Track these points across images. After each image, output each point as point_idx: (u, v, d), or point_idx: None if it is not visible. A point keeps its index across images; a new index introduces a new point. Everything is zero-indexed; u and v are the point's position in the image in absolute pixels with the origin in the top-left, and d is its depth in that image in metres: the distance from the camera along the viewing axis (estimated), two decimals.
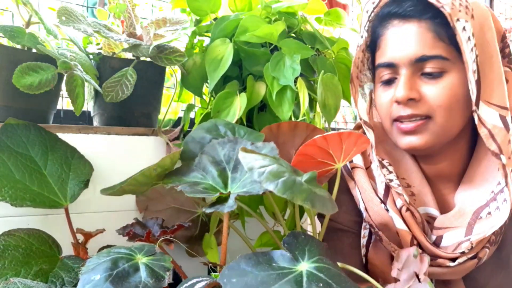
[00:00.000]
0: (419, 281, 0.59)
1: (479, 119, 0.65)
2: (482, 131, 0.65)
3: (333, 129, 0.89)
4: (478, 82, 0.65)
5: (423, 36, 0.67)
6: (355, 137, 0.63)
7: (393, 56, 0.69)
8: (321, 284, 0.47)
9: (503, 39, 0.71)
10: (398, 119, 0.71)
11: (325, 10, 0.95)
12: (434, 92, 0.67)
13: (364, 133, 0.82)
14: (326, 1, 0.96)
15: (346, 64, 0.96)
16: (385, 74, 0.72)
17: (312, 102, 0.94)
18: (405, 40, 0.68)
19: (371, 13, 0.73)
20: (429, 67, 0.67)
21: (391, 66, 0.70)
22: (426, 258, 0.61)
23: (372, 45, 0.75)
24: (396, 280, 0.62)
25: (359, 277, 0.76)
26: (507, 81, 0.69)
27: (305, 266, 0.51)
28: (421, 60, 0.67)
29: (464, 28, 0.65)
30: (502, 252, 0.74)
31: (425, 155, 0.75)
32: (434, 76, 0.67)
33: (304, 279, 0.48)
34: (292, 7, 0.88)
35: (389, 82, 0.72)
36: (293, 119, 0.84)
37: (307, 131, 0.78)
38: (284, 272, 0.49)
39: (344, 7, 1.15)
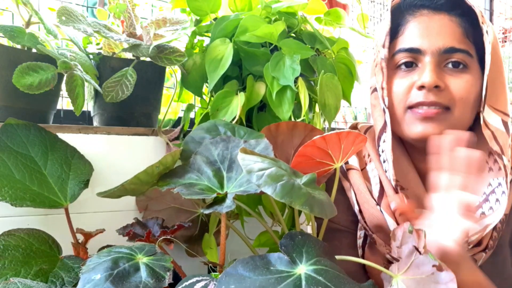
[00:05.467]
0: (420, 253, 0.59)
1: (484, 121, 0.68)
2: (486, 133, 0.68)
3: (333, 129, 0.89)
4: (486, 87, 0.68)
5: (454, 29, 0.70)
6: (353, 136, 0.63)
7: (421, 42, 0.70)
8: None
9: None
10: (416, 106, 0.70)
11: (325, 10, 0.95)
12: (458, 84, 0.69)
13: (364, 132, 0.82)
14: (326, 1, 0.96)
15: (346, 64, 0.96)
16: (405, 58, 0.71)
17: (311, 102, 0.94)
18: (436, 29, 0.70)
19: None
20: (454, 60, 0.69)
21: (416, 52, 0.70)
22: (423, 232, 0.61)
23: (391, 32, 0.74)
24: (397, 259, 0.62)
25: (359, 275, 0.76)
26: None
27: (303, 269, 0.50)
28: (448, 52, 0.69)
29: (487, 32, 0.68)
30: (498, 257, 0.75)
31: (426, 154, 0.75)
32: (458, 69, 0.69)
33: (303, 282, 0.48)
34: (292, 7, 0.88)
35: (408, 68, 0.71)
36: (292, 119, 0.84)
37: (305, 131, 0.78)
38: (283, 276, 0.49)
39: (344, 7, 1.15)
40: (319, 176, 0.71)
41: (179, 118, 1.03)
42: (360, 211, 0.75)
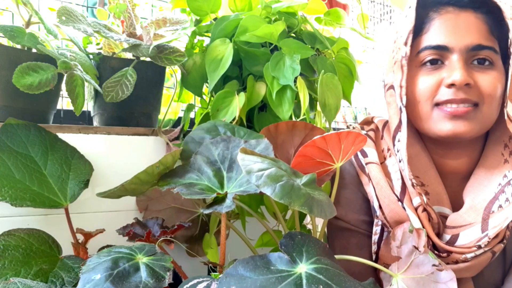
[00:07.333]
0: (420, 253, 0.58)
1: (508, 115, 0.69)
2: (511, 127, 0.68)
3: (334, 129, 0.89)
4: (510, 82, 0.69)
5: (481, 26, 0.70)
6: (353, 136, 0.63)
7: (449, 40, 0.69)
8: (321, 286, 0.47)
9: None
10: (445, 103, 0.69)
11: (325, 10, 0.95)
12: (486, 80, 0.69)
13: (375, 130, 0.82)
14: (326, 1, 0.96)
15: (346, 64, 0.96)
16: (430, 56, 0.71)
17: (312, 101, 0.94)
18: (463, 27, 0.69)
19: None
20: (481, 57, 0.69)
21: (443, 49, 0.70)
22: (423, 232, 0.61)
23: (415, 30, 0.73)
24: (397, 258, 0.61)
25: (363, 274, 0.76)
26: None
27: (303, 268, 0.50)
28: (476, 49, 0.69)
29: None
30: (506, 246, 0.74)
31: (448, 149, 0.75)
32: (484, 66, 0.70)
33: (304, 281, 0.48)
34: (292, 7, 0.88)
35: (433, 65, 0.71)
36: (293, 118, 0.84)
37: (305, 130, 0.78)
38: (283, 275, 0.49)
39: (344, 7, 1.15)
40: (322, 175, 0.70)
41: (179, 118, 1.03)
42: (380, 206, 0.73)
